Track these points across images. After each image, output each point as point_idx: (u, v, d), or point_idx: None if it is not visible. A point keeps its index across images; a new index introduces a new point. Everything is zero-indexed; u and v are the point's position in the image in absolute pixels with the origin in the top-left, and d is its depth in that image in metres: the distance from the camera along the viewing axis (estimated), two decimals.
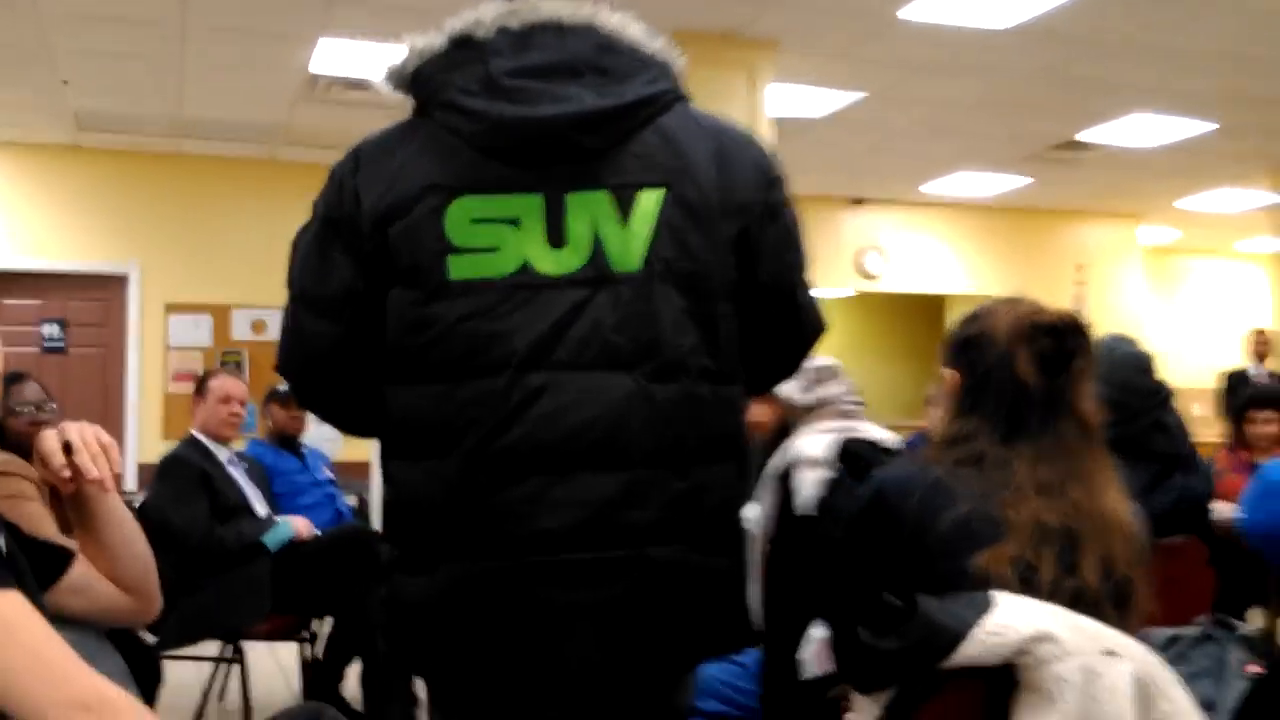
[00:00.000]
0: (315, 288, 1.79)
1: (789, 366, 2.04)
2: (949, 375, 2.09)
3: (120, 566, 1.96)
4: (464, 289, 1.69)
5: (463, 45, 1.73)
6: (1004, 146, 9.27)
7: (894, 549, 1.95)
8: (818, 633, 2.71)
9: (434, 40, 1.75)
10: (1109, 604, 1.85)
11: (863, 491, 2.05)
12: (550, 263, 1.69)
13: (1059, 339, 2.00)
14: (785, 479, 2.92)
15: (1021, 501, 1.89)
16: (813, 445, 2.91)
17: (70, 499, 1.92)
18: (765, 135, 6.96)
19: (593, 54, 1.73)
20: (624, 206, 1.71)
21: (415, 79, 1.77)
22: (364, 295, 1.75)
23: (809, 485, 2.83)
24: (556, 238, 1.70)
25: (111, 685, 1.46)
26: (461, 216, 1.69)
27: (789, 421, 3.08)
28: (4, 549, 1.64)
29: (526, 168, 1.70)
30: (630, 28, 1.77)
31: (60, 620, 1.65)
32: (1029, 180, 10.35)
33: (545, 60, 1.71)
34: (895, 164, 9.89)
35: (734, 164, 1.79)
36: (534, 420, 1.67)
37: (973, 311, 2.12)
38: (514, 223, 1.69)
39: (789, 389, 3.00)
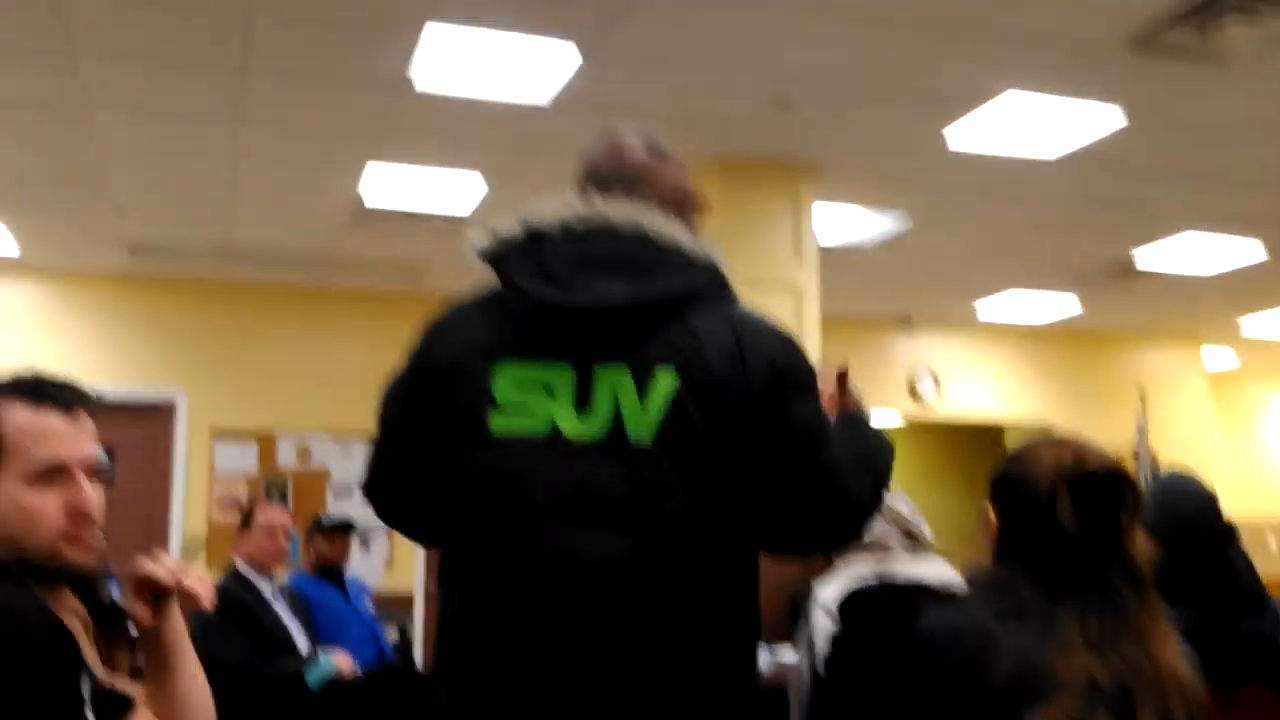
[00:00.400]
0: (400, 431, 2.07)
1: (820, 541, 2.19)
2: (990, 516, 2.06)
3: None
4: (500, 442, 1.91)
5: (532, 235, 2.00)
6: (1054, 269, 9.21)
7: (943, 702, 1.89)
8: None
9: (514, 228, 2.02)
10: None
11: (910, 640, 2.01)
12: (574, 427, 1.90)
13: (1101, 488, 1.95)
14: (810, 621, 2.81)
15: (1071, 657, 1.83)
16: (827, 588, 2.80)
17: (148, 647, 1.92)
18: (811, 259, 6.94)
19: (633, 252, 1.97)
20: (642, 384, 1.90)
21: (493, 257, 2.03)
22: (435, 440, 1.98)
23: (821, 637, 2.73)
24: (583, 405, 1.91)
25: None
26: (505, 379, 1.94)
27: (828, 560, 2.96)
28: (90, 696, 1.61)
29: (563, 343, 1.94)
30: (672, 229, 2.00)
31: None
32: (1083, 303, 10.25)
33: (591, 254, 1.97)
34: (945, 288, 9.85)
35: (747, 356, 1.94)
36: (545, 567, 1.85)
37: (1016, 450, 2.09)
38: (547, 389, 1.92)
39: None
